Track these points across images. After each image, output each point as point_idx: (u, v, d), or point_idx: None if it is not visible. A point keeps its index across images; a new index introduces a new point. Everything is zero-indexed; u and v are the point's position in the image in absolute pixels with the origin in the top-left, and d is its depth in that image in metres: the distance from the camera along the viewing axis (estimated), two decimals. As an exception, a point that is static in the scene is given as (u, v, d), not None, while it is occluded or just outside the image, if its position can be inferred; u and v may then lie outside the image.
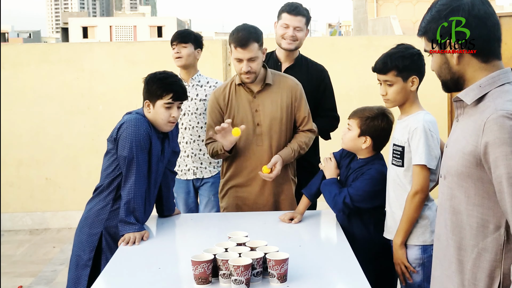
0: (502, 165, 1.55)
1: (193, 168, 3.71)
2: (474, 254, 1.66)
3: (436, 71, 1.78)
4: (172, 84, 2.75)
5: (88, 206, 2.83)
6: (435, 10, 1.71)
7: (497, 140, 1.56)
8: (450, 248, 1.72)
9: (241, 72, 3.01)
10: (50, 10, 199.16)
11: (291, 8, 3.44)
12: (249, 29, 3.00)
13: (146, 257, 2.46)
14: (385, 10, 20.29)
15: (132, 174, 2.67)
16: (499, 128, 1.56)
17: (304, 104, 3.16)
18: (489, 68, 1.69)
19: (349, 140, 2.78)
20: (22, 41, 49.63)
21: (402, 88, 2.54)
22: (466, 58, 1.69)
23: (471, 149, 1.63)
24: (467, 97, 1.69)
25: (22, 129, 5.97)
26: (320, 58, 3.76)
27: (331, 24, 58.35)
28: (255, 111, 3.10)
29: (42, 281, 4.54)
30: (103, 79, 5.95)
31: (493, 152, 1.57)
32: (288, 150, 3.10)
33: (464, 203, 1.68)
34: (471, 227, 1.66)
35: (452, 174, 1.71)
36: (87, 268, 2.72)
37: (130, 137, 2.67)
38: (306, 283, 2.12)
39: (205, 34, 66.73)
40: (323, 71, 3.59)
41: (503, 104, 1.59)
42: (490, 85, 1.67)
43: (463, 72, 1.71)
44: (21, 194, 6.02)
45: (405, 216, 2.49)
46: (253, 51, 2.96)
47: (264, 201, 3.15)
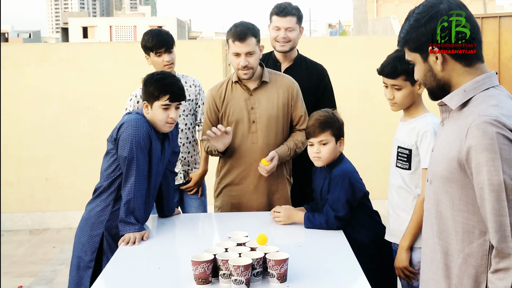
0: (483, 171, 1.55)
1: (183, 172, 3.65)
2: (460, 259, 1.66)
3: (421, 79, 1.77)
4: (169, 85, 2.73)
5: (88, 207, 2.83)
6: (413, 19, 1.71)
7: (479, 146, 1.56)
8: (437, 253, 1.72)
9: (239, 67, 3.02)
10: (50, 10, 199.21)
11: (279, 9, 3.43)
12: (246, 25, 3.05)
13: (146, 257, 2.46)
14: (385, 10, 20.32)
15: (132, 174, 2.67)
16: (482, 134, 1.56)
17: (300, 103, 3.17)
18: (473, 71, 1.68)
19: (330, 153, 2.75)
20: (22, 41, 49.60)
21: (411, 92, 2.52)
22: (450, 63, 1.69)
23: (454, 154, 1.63)
24: (452, 102, 1.70)
25: (22, 129, 5.97)
26: (320, 58, 3.76)
27: (331, 24, 58.34)
28: (251, 109, 3.11)
29: (42, 281, 4.54)
30: (103, 79, 5.95)
31: (475, 157, 1.57)
32: (284, 148, 3.10)
33: (449, 208, 1.68)
34: (457, 232, 1.66)
35: (438, 179, 1.71)
36: (89, 270, 2.71)
37: (130, 137, 2.66)
38: (306, 283, 2.12)
39: (205, 34, 66.75)
40: (322, 70, 3.59)
41: (486, 109, 1.59)
42: (474, 90, 1.66)
43: (448, 78, 1.71)
44: (21, 194, 6.02)
45: (415, 220, 2.45)
46: (251, 45, 2.99)
47: (258, 200, 3.15)
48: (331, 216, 2.67)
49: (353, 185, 2.69)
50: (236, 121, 3.10)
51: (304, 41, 6.64)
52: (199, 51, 6.10)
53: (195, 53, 6.06)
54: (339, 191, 2.67)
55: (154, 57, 3.38)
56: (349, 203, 2.67)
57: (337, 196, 2.67)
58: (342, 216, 2.66)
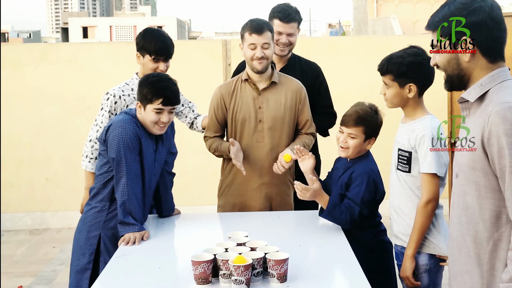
0: (506, 155, 1.60)
1: None
2: (490, 245, 1.71)
3: (442, 65, 1.80)
4: (163, 88, 2.69)
5: (85, 209, 2.83)
6: (454, 7, 1.74)
7: (500, 131, 1.61)
8: (466, 242, 1.76)
9: (254, 58, 3.04)
10: (50, 10, 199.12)
11: (283, 15, 3.42)
12: (262, 20, 3.13)
13: (146, 257, 2.46)
14: (385, 10, 20.29)
15: (123, 175, 2.66)
16: (502, 119, 1.61)
17: (307, 107, 3.20)
18: (494, 68, 1.75)
19: (355, 147, 2.70)
20: (22, 41, 49.60)
21: (398, 93, 2.51)
22: (477, 57, 1.74)
23: (477, 143, 1.68)
24: (470, 96, 1.75)
25: (22, 129, 5.97)
26: (320, 58, 3.76)
27: (331, 24, 58.29)
28: (258, 108, 3.12)
29: (42, 281, 4.54)
30: (103, 79, 5.94)
31: (497, 143, 1.62)
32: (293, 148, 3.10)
33: (476, 197, 1.72)
34: (484, 220, 1.71)
35: (464, 171, 1.76)
36: (88, 272, 2.71)
37: (117, 138, 2.65)
38: (306, 283, 2.12)
39: (205, 34, 66.76)
40: (317, 68, 3.60)
41: (504, 96, 1.66)
42: (490, 83, 1.73)
43: (471, 70, 1.76)
44: (21, 194, 6.02)
45: (418, 226, 2.44)
46: (267, 38, 3.04)
47: (260, 200, 3.15)
48: (357, 213, 2.58)
49: (377, 186, 2.66)
50: (243, 119, 3.12)
51: (304, 41, 6.65)
52: (199, 51, 6.09)
53: (195, 53, 6.06)
54: (364, 189, 2.61)
55: (150, 61, 3.13)
56: (370, 202, 2.64)
57: (362, 194, 2.60)
58: (365, 214, 2.62)
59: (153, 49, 3.12)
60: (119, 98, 3.17)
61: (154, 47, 3.12)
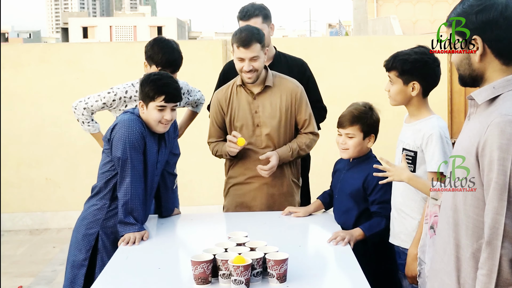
0: (494, 169, 1.56)
1: None
2: (468, 253, 1.67)
3: (456, 63, 1.77)
4: (164, 86, 2.71)
5: (85, 206, 2.83)
6: (468, 4, 1.70)
7: (495, 144, 1.57)
8: (450, 244, 1.74)
9: (243, 71, 3.01)
10: (50, 10, 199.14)
11: (242, 14, 3.41)
12: (251, 30, 3.02)
13: (146, 257, 2.46)
14: (385, 10, 20.29)
15: (127, 174, 2.67)
16: (500, 132, 1.56)
17: (304, 106, 3.16)
18: (509, 71, 1.68)
19: (355, 147, 2.75)
20: (22, 41, 49.63)
21: (402, 90, 2.52)
22: (488, 57, 1.69)
23: (472, 149, 1.64)
24: (479, 97, 1.69)
25: (22, 129, 5.97)
26: (320, 58, 3.76)
27: (331, 24, 58.27)
28: (254, 112, 3.11)
29: (42, 281, 4.54)
30: (103, 79, 5.94)
31: (489, 155, 1.58)
32: (286, 148, 3.10)
33: (462, 202, 1.69)
34: (467, 227, 1.67)
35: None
36: (83, 268, 2.71)
37: (123, 138, 2.66)
38: (305, 283, 2.12)
39: (205, 34, 66.77)
40: (303, 64, 3.58)
41: (509, 108, 1.59)
42: (503, 88, 1.66)
43: (483, 70, 1.71)
44: (21, 194, 6.02)
45: (423, 226, 2.42)
46: (255, 51, 2.97)
47: (262, 201, 3.15)
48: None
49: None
50: (241, 125, 3.11)
51: (304, 41, 6.66)
52: (199, 51, 6.09)
53: (195, 53, 6.05)
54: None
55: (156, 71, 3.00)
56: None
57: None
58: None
59: (160, 61, 3.16)
60: (119, 99, 3.19)
61: (161, 59, 3.16)
